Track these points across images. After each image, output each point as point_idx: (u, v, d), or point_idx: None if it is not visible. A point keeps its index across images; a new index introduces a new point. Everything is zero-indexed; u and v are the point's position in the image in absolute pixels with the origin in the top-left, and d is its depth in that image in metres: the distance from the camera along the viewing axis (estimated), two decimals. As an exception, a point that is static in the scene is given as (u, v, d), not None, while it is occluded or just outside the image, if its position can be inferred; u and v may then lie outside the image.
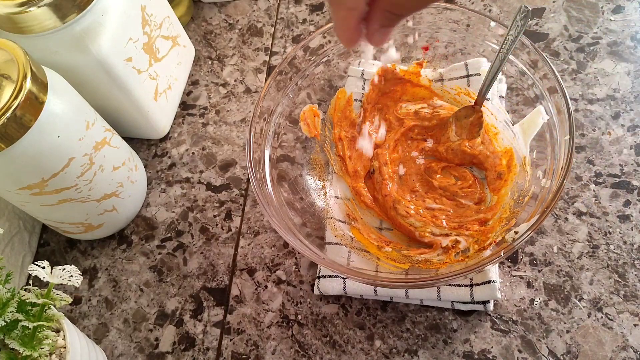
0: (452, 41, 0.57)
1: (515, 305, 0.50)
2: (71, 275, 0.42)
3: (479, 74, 0.56)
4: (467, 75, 0.57)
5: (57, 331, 0.44)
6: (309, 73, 0.57)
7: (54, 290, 0.42)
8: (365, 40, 0.37)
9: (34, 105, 0.44)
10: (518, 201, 0.50)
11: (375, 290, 0.50)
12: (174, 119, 0.67)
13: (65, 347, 0.43)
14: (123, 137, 0.59)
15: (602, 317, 0.48)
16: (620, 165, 0.55)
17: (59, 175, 0.49)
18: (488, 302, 0.49)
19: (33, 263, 0.41)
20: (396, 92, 0.59)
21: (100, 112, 0.55)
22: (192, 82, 0.70)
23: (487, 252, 0.47)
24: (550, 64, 0.48)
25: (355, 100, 0.60)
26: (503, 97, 0.57)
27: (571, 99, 0.57)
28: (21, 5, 0.46)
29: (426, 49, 0.58)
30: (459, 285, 0.48)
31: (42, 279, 0.40)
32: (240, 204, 0.60)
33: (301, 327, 0.52)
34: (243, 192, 0.61)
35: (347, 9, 0.34)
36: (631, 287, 0.49)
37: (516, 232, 0.43)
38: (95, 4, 0.50)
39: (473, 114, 0.54)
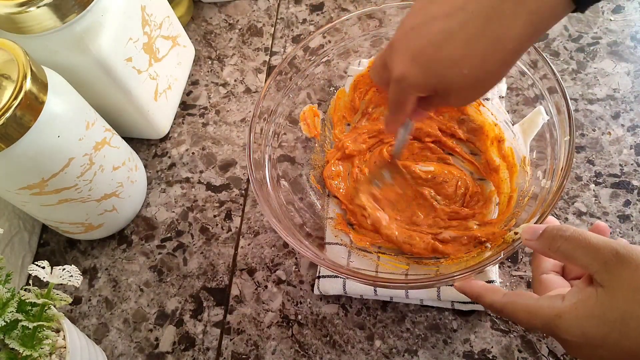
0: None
1: (515, 305, 0.50)
2: (71, 275, 0.42)
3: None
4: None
5: (57, 331, 0.44)
6: (309, 73, 0.57)
7: (54, 290, 0.42)
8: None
9: (34, 105, 0.44)
10: (518, 201, 0.50)
11: (375, 290, 0.50)
12: (174, 119, 0.67)
13: (65, 347, 0.43)
14: (123, 137, 0.59)
15: (602, 317, 0.48)
16: (620, 165, 0.55)
17: (59, 175, 0.49)
18: (488, 302, 0.49)
19: (33, 263, 0.41)
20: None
21: (100, 112, 0.55)
22: (192, 82, 0.70)
23: (487, 253, 0.47)
24: (550, 64, 0.48)
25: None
26: (503, 97, 0.57)
27: (571, 99, 0.57)
28: (21, 5, 0.46)
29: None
30: (459, 285, 0.48)
31: (42, 279, 0.40)
32: (240, 204, 0.60)
33: (301, 327, 0.52)
34: (243, 192, 0.61)
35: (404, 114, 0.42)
36: (631, 287, 0.49)
37: (516, 233, 0.43)
38: (95, 4, 0.50)
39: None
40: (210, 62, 0.71)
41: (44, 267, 0.41)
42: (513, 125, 0.54)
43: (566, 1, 0.33)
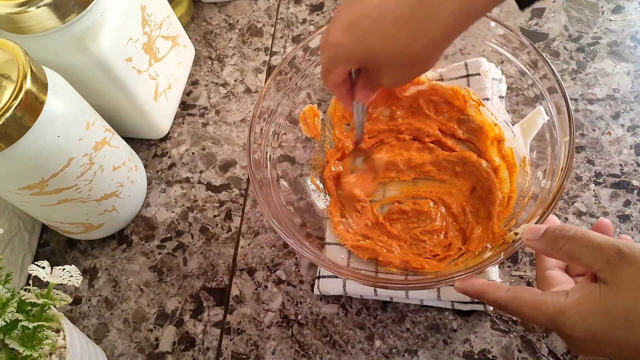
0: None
1: (515, 305, 0.50)
2: (71, 275, 0.42)
3: (479, 74, 0.56)
4: (467, 75, 0.57)
5: (57, 331, 0.44)
6: (309, 73, 0.57)
7: (54, 290, 0.42)
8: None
9: (34, 105, 0.44)
10: (518, 201, 0.50)
11: (375, 291, 0.50)
12: (174, 119, 0.67)
13: (65, 347, 0.43)
14: (123, 137, 0.59)
15: (602, 317, 0.48)
16: (620, 165, 0.55)
17: (59, 175, 0.49)
18: (488, 302, 0.49)
19: (33, 263, 0.41)
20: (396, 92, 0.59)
21: (100, 112, 0.55)
22: (192, 82, 0.70)
23: (488, 254, 0.47)
24: (550, 64, 0.48)
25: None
26: (503, 97, 0.57)
27: (571, 99, 0.57)
28: (21, 5, 0.46)
29: (426, 49, 0.58)
30: (459, 286, 0.48)
31: (42, 279, 0.40)
32: (240, 204, 0.60)
33: (301, 327, 0.52)
34: (243, 192, 0.61)
35: (333, 86, 0.44)
36: (631, 287, 0.49)
37: (516, 234, 0.43)
38: (95, 4, 0.50)
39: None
40: (210, 62, 0.71)
41: (44, 267, 0.41)
42: (513, 125, 0.54)
43: None
